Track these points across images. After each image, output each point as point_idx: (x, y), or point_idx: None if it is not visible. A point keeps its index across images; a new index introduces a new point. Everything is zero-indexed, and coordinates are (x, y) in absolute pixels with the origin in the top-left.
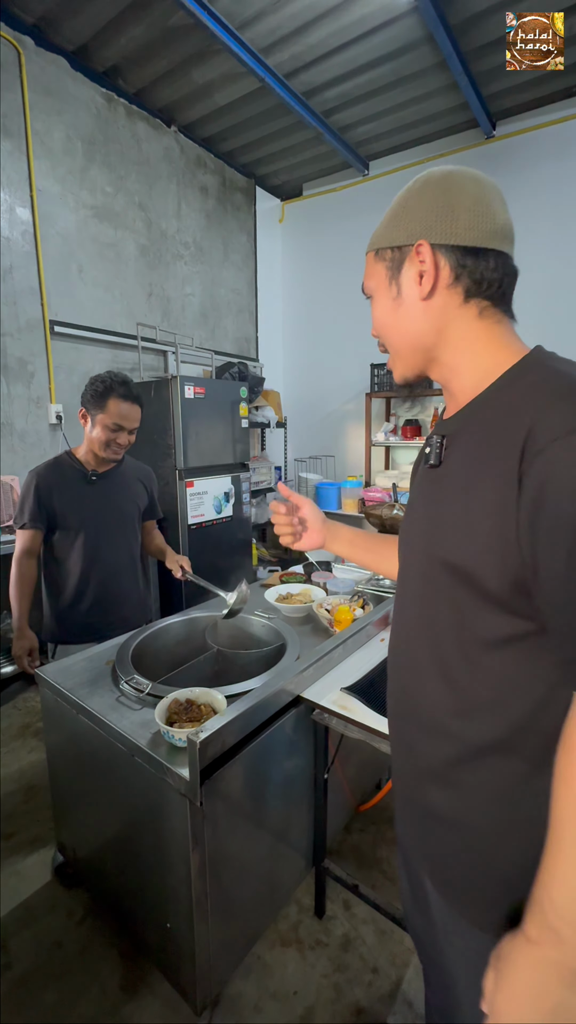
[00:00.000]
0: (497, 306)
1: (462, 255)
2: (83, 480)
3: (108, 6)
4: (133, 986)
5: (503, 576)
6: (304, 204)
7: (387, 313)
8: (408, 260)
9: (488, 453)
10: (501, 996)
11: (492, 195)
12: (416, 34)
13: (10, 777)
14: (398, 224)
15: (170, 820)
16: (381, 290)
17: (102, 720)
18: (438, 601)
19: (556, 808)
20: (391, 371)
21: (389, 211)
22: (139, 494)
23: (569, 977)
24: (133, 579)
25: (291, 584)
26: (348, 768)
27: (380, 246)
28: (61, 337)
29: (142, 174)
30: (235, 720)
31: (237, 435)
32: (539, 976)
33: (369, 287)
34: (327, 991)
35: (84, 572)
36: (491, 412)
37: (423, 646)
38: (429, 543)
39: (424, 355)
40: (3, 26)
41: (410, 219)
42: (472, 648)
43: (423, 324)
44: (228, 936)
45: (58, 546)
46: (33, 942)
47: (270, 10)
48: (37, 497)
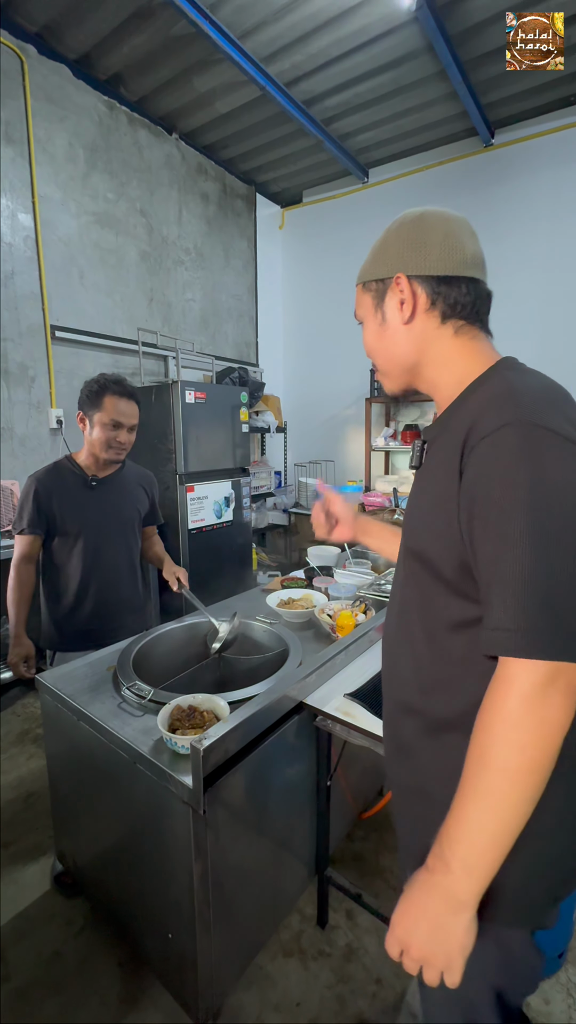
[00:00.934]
0: (472, 324)
1: (436, 283)
2: (83, 485)
3: (111, 15)
4: (133, 998)
5: (453, 560)
6: (304, 211)
7: (375, 337)
8: (390, 290)
9: (445, 454)
10: (399, 910)
11: (461, 230)
12: (416, 43)
13: (8, 784)
14: (379, 260)
15: (172, 828)
16: (369, 317)
17: (103, 727)
18: (408, 587)
19: (467, 761)
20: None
21: (372, 248)
22: (140, 499)
23: (451, 902)
24: (133, 585)
25: (292, 589)
26: (350, 775)
27: (366, 279)
28: (62, 342)
29: (143, 181)
30: (238, 727)
31: (237, 440)
32: (428, 897)
33: (359, 315)
34: (330, 1002)
35: (83, 578)
36: (452, 419)
37: (399, 629)
38: (406, 536)
39: (409, 372)
40: (6, 34)
41: (389, 255)
42: (434, 630)
43: (407, 345)
44: (230, 946)
45: (57, 552)
46: (32, 953)
47: (272, 20)
48: (36, 502)
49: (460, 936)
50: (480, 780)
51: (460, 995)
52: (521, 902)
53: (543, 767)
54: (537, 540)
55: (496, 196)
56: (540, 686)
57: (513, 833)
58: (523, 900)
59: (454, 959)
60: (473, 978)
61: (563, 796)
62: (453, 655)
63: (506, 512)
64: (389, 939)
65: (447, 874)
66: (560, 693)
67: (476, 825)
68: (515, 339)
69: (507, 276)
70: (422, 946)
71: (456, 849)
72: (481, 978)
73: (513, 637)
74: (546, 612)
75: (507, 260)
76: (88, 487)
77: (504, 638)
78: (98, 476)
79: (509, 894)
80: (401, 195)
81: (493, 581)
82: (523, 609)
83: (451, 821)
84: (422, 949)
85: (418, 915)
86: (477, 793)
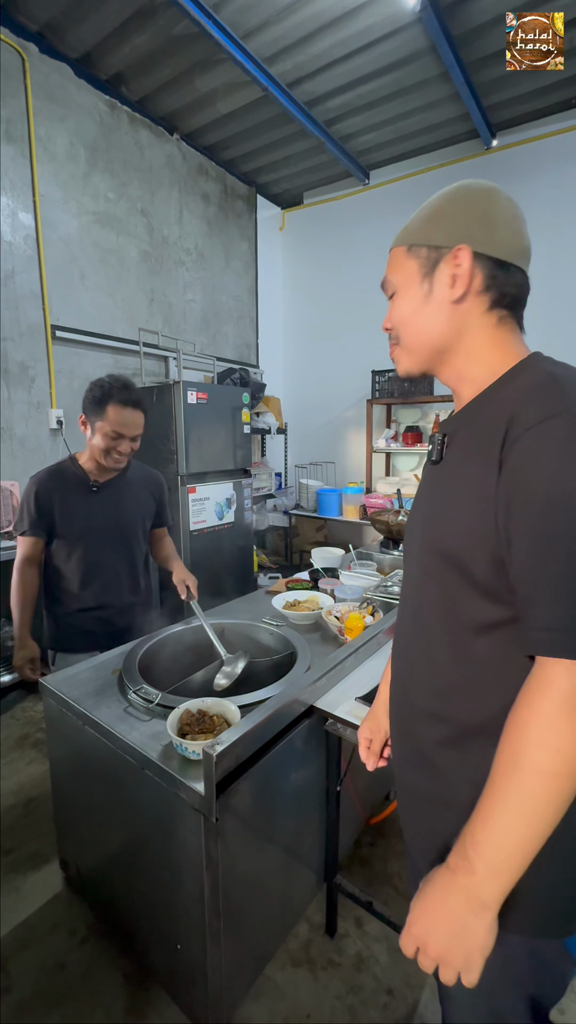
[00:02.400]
0: (512, 317)
1: (494, 266)
2: (85, 489)
3: (113, 14)
4: (139, 1009)
5: (485, 558)
6: (305, 212)
7: (413, 309)
8: (444, 261)
9: (477, 446)
10: (417, 910)
11: (523, 218)
12: (419, 45)
13: (8, 790)
14: (437, 225)
15: (182, 836)
16: (411, 286)
17: (110, 732)
18: (429, 588)
19: (496, 761)
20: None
21: (425, 210)
22: (144, 503)
23: (475, 903)
24: (135, 589)
25: (298, 591)
26: (358, 781)
27: (415, 242)
28: (62, 342)
29: (144, 181)
30: (250, 732)
31: (239, 441)
32: (450, 898)
33: (394, 281)
34: (341, 1014)
35: (84, 581)
36: (485, 410)
37: (415, 633)
38: (427, 535)
39: (437, 355)
40: (8, 32)
41: (451, 222)
42: (457, 632)
43: (446, 325)
44: (240, 957)
45: (58, 554)
46: (34, 963)
47: (275, 20)
48: (37, 504)
49: (482, 937)
50: (511, 781)
51: (490, 1004)
52: (554, 911)
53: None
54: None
55: None
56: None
57: (542, 837)
58: (556, 909)
59: (474, 959)
60: (506, 988)
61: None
62: (477, 659)
63: (553, 506)
64: (405, 937)
65: (471, 875)
66: None
67: (504, 827)
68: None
69: None
70: (441, 945)
71: (481, 850)
72: (514, 987)
73: (560, 638)
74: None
75: None
76: (89, 491)
77: (549, 639)
78: (99, 480)
79: (542, 904)
80: (402, 197)
81: (537, 579)
82: (567, 609)
83: (477, 822)
84: (440, 948)
85: (438, 914)
86: (507, 795)
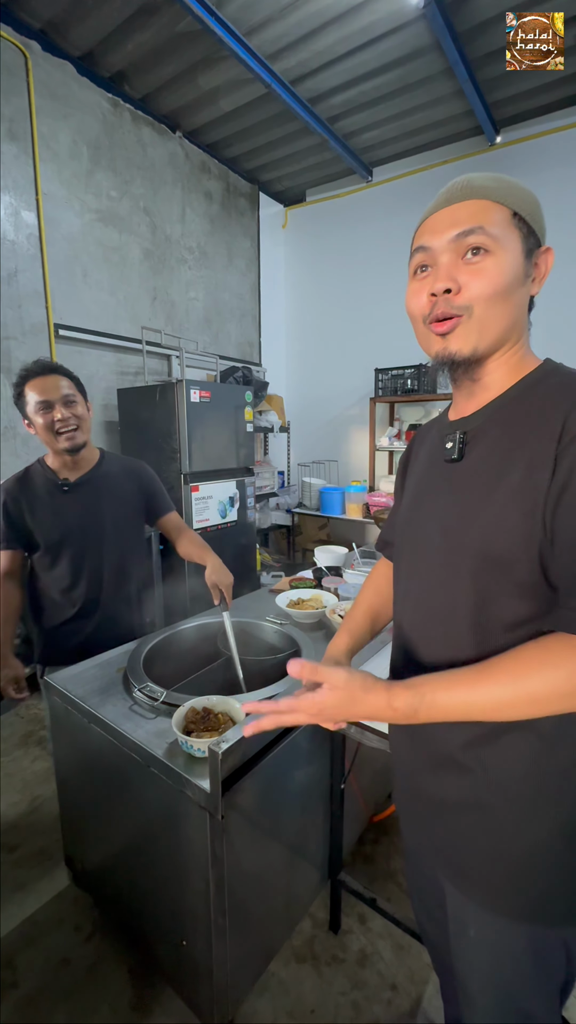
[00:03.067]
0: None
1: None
2: (55, 490)
3: (115, 12)
4: (145, 1005)
5: (531, 559)
6: (307, 210)
7: (510, 282)
8: (539, 253)
9: (521, 445)
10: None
11: None
12: (423, 41)
13: (13, 787)
14: (540, 214)
15: (188, 833)
16: (513, 253)
17: (116, 729)
18: (457, 590)
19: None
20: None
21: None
22: (129, 495)
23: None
24: (125, 593)
25: (301, 589)
26: (362, 778)
27: (525, 213)
28: (65, 341)
29: (147, 179)
30: None
31: (241, 439)
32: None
33: (492, 235)
34: (345, 1010)
35: (69, 589)
36: (521, 409)
37: (434, 636)
38: (454, 536)
39: (504, 341)
40: (10, 30)
41: (541, 218)
42: (489, 631)
43: (524, 315)
44: (245, 953)
45: (40, 563)
46: (40, 959)
47: (277, 16)
48: (6, 515)
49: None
50: (509, 674)
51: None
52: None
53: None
54: None
55: None
56: None
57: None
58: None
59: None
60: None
61: None
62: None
63: None
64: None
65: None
66: None
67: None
68: None
69: None
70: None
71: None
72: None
73: None
74: None
75: None
76: (61, 492)
77: None
78: (70, 479)
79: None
80: (405, 194)
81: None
82: None
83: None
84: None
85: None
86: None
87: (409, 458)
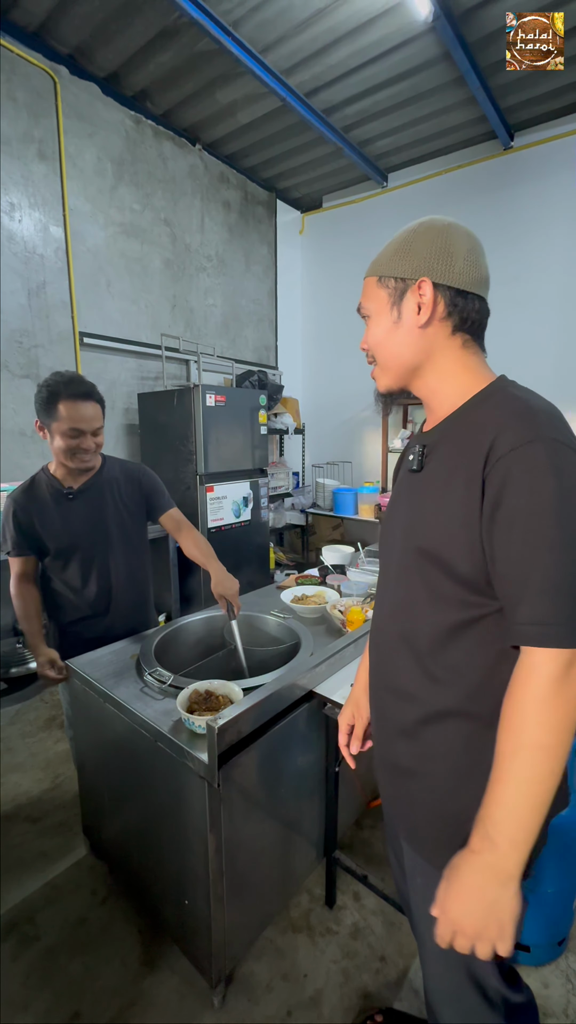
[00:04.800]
0: (475, 340)
1: (454, 295)
2: (60, 498)
3: (138, 35)
4: (153, 961)
5: (469, 558)
6: (324, 216)
7: (384, 333)
8: (410, 291)
9: (459, 461)
10: (450, 895)
11: (480, 249)
12: (433, 52)
13: (37, 766)
14: (403, 259)
15: (189, 802)
16: (381, 313)
17: (127, 708)
18: (413, 585)
19: (499, 747)
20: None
21: (393, 245)
22: (130, 498)
23: (502, 876)
24: (135, 592)
25: (306, 586)
26: (359, 764)
27: (384, 274)
28: (89, 348)
29: (168, 191)
30: (250, 709)
31: (256, 441)
32: (479, 877)
33: (367, 308)
34: (336, 976)
35: (80, 590)
36: (462, 428)
37: (397, 625)
38: (410, 536)
39: (410, 373)
40: (40, 57)
41: (415, 257)
42: (440, 624)
43: (416, 347)
44: (242, 916)
45: (52, 567)
46: (60, 917)
47: (292, 34)
48: (16, 524)
49: (514, 906)
50: (516, 760)
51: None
52: None
53: (568, 741)
54: (563, 543)
55: (515, 199)
56: (565, 669)
57: (547, 804)
58: None
59: (507, 928)
60: None
61: None
62: (458, 649)
63: (536, 518)
64: (442, 925)
65: (494, 852)
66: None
67: (516, 802)
68: (533, 342)
69: (526, 278)
70: (478, 923)
71: (501, 828)
72: None
73: (542, 631)
74: (570, 606)
75: (526, 262)
76: (66, 499)
77: (535, 632)
78: (74, 487)
79: None
80: (420, 199)
81: (522, 581)
82: (549, 605)
83: (491, 803)
84: (477, 926)
85: (472, 895)
86: (514, 772)
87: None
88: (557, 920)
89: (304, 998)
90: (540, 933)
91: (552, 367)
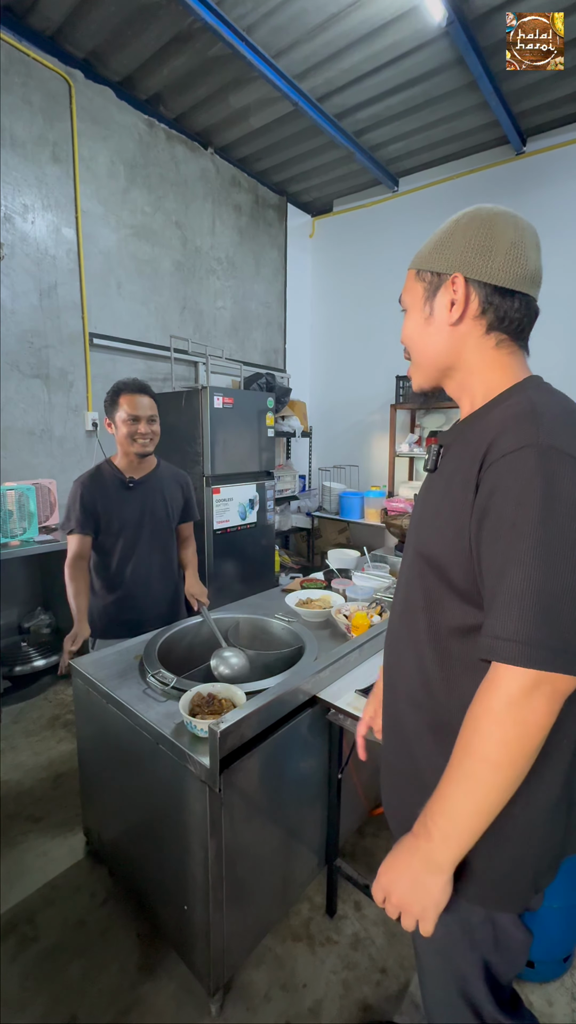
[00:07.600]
0: (514, 340)
1: (491, 293)
2: (122, 486)
3: (153, 39)
4: (151, 966)
5: (462, 567)
6: (334, 220)
7: (417, 329)
8: (444, 287)
9: (461, 463)
10: (385, 863)
11: (529, 241)
12: (447, 57)
13: (39, 765)
14: (441, 252)
15: (190, 805)
16: (416, 307)
17: (130, 710)
18: (414, 588)
19: (455, 747)
20: (411, 378)
21: (437, 235)
22: (175, 497)
23: (431, 865)
24: (168, 579)
25: (311, 590)
26: (362, 772)
27: (422, 267)
28: (99, 349)
29: (179, 194)
30: (253, 714)
31: (263, 444)
32: (411, 857)
33: (405, 301)
34: (335, 987)
35: (122, 571)
36: (472, 429)
37: (403, 627)
38: (414, 538)
39: (441, 371)
40: (56, 61)
41: (452, 250)
42: (439, 631)
43: (446, 345)
44: (241, 923)
45: (100, 548)
46: (59, 919)
47: (305, 39)
48: (83, 505)
49: (436, 894)
50: (463, 766)
51: (454, 967)
52: (509, 888)
53: (520, 763)
54: (540, 558)
55: (527, 204)
56: (525, 691)
57: (488, 815)
58: (510, 887)
59: (428, 912)
60: (466, 952)
61: (546, 795)
62: (454, 657)
63: (516, 529)
64: (375, 887)
65: (428, 841)
66: (543, 698)
67: (456, 804)
68: (547, 348)
69: None
70: (402, 896)
71: (438, 821)
72: (473, 952)
73: (506, 646)
74: (538, 625)
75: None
76: (126, 488)
77: (498, 646)
78: (135, 477)
79: (498, 881)
80: (431, 203)
81: (496, 592)
82: (517, 621)
83: (436, 797)
84: (401, 898)
85: (401, 870)
86: (459, 777)
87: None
88: (562, 937)
89: (303, 1009)
90: (545, 950)
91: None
